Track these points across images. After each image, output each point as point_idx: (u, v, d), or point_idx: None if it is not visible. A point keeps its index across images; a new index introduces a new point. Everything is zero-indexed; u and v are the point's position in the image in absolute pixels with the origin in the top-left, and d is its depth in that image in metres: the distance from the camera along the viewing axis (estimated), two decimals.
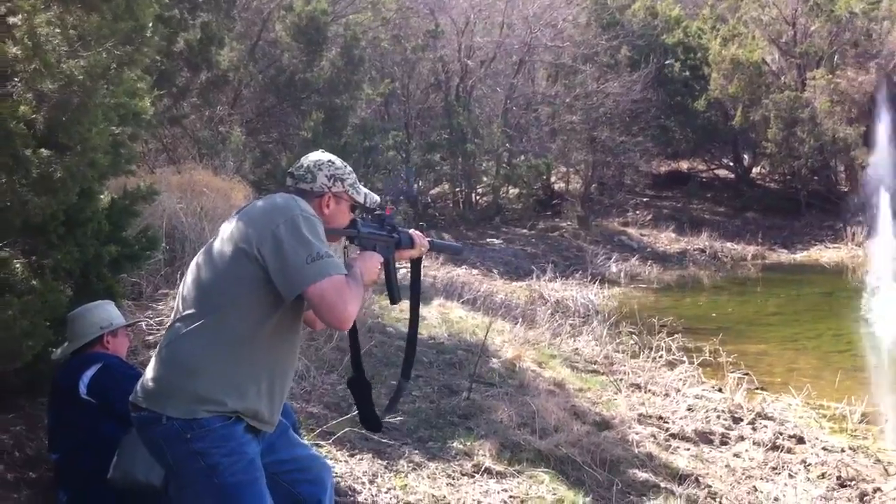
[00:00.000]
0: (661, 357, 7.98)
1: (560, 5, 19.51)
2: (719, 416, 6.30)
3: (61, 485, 3.43)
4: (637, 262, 16.34)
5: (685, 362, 7.79)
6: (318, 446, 4.41)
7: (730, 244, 18.83)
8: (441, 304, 8.98)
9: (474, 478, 4.49)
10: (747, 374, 7.57)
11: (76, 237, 3.84)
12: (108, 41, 3.34)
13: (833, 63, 20.12)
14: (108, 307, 3.67)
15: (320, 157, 2.73)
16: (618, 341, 8.72)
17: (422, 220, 16.61)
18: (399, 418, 5.14)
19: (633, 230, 19.38)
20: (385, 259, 2.83)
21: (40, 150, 3.27)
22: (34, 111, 3.24)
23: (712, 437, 5.90)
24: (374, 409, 2.95)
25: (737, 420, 6.30)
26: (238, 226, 2.52)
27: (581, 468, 4.82)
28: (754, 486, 5.08)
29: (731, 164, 23.81)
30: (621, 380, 7.08)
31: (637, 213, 20.37)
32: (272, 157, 11.97)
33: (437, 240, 3.39)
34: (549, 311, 9.97)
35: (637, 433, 5.67)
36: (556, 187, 21.72)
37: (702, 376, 7.59)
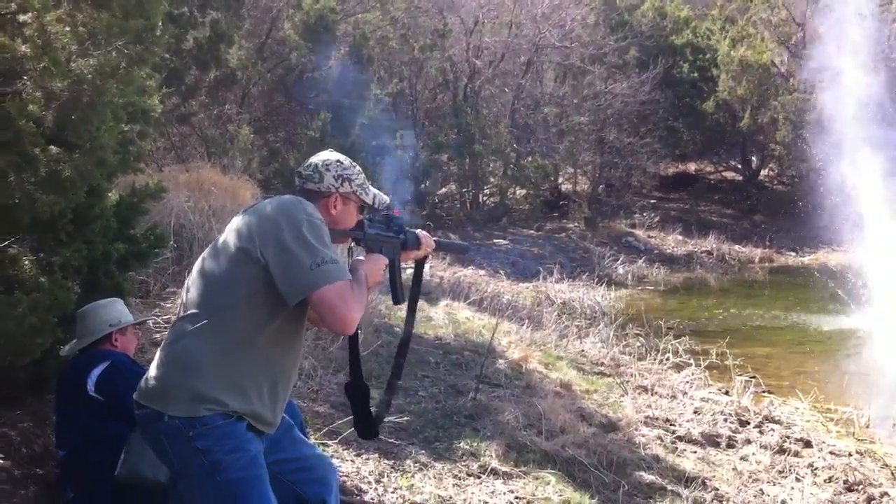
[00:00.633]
0: (667, 359, 7.96)
1: (569, 5, 19.43)
2: (726, 419, 6.28)
3: (68, 482, 3.44)
4: (644, 264, 16.29)
5: (692, 365, 7.76)
6: (325, 446, 4.41)
7: (737, 246, 18.75)
8: (448, 304, 8.98)
9: (480, 478, 4.49)
10: (754, 377, 7.53)
11: (84, 235, 3.86)
12: (117, 39, 3.33)
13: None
14: (117, 305, 3.68)
15: (329, 156, 2.70)
16: (624, 343, 8.69)
17: (429, 220, 16.58)
18: (405, 418, 5.15)
19: (640, 232, 19.32)
20: (390, 260, 2.82)
21: (49, 148, 3.28)
22: (43, 109, 3.24)
23: (719, 439, 5.89)
24: (371, 416, 2.95)
25: (743, 423, 6.28)
26: (244, 227, 2.50)
27: (587, 470, 4.81)
28: (761, 490, 5.06)
29: (739, 166, 23.73)
30: (628, 382, 7.06)
31: (644, 214, 20.30)
32: (280, 156, 11.98)
33: (443, 239, 3.38)
34: (555, 313, 9.96)
35: (643, 435, 5.66)
36: (564, 188, 21.66)
37: (708, 379, 7.56)
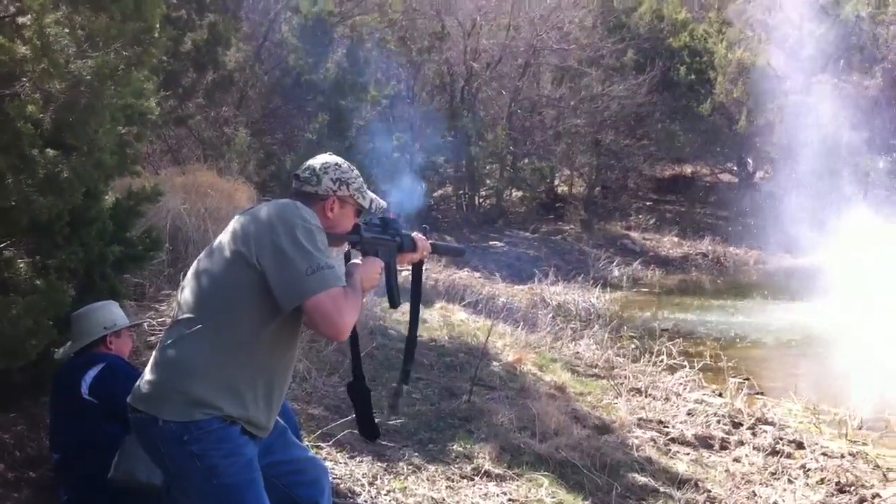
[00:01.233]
0: (661, 361, 7.97)
1: (566, 8, 19.47)
2: (719, 421, 6.31)
3: (62, 484, 3.45)
4: (639, 266, 16.28)
5: (686, 367, 7.78)
6: (319, 448, 4.43)
7: (732, 248, 18.77)
8: (443, 306, 8.99)
9: (474, 481, 4.51)
10: (748, 378, 7.55)
11: (81, 237, 3.87)
12: (116, 42, 3.35)
13: (839, 67, 20.09)
14: (112, 307, 3.69)
15: (327, 159, 2.70)
16: (619, 345, 8.70)
17: (425, 223, 16.57)
18: (399, 420, 5.16)
19: (635, 234, 19.34)
20: (386, 263, 2.82)
21: (47, 150, 3.30)
22: (42, 111, 3.26)
23: (712, 441, 5.92)
24: (373, 416, 2.94)
25: (737, 425, 6.31)
26: (240, 231, 2.50)
27: (581, 472, 4.84)
28: (754, 491, 5.09)
29: (735, 168, 23.77)
30: (622, 384, 7.08)
31: (640, 217, 20.32)
32: (277, 159, 11.96)
33: (439, 242, 3.39)
34: (550, 315, 9.96)
35: (637, 437, 5.68)
36: (560, 190, 21.68)
37: (702, 381, 7.59)
